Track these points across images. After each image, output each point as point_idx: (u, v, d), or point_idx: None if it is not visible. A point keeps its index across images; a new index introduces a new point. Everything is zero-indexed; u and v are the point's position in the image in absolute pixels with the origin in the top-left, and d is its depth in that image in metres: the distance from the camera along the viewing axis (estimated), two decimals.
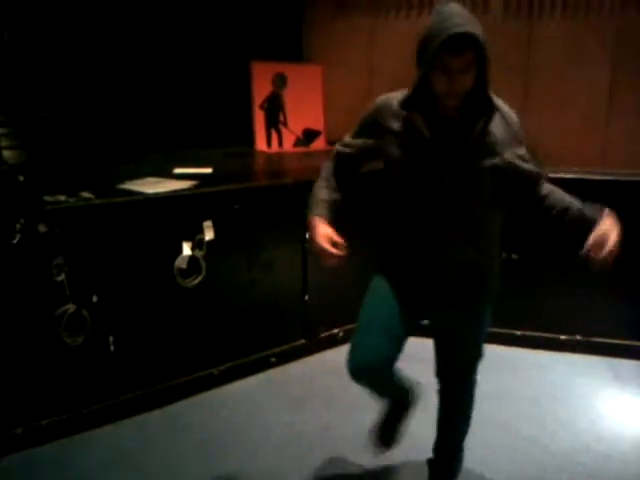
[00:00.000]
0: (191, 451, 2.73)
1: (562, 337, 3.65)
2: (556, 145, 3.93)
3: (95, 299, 2.78)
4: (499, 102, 1.94)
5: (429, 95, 1.86)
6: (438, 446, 2.45)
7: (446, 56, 1.74)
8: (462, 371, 2.30)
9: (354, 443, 2.67)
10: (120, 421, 2.89)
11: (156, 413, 2.99)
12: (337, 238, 1.97)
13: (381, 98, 2.01)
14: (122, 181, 3.09)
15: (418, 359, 2.36)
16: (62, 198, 2.76)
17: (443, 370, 2.30)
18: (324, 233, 1.97)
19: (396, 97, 1.96)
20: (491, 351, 3.56)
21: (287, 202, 3.31)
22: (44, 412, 2.73)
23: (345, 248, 1.96)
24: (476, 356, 2.26)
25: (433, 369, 2.30)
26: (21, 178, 2.73)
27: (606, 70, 3.95)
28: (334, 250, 1.94)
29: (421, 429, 2.46)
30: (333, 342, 3.61)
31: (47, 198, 2.73)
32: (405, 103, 1.91)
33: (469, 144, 1.87)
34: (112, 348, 2.86)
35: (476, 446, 2.76)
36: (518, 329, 3.70)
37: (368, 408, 2.43)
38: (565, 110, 4.03)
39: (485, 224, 2.01)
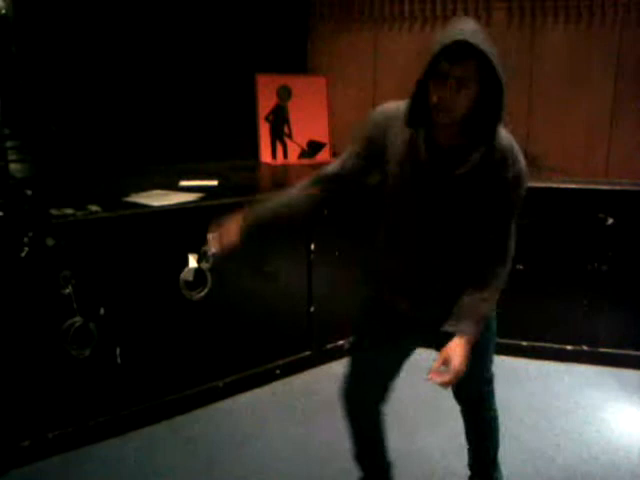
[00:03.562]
0: (196, 464, 2.73)
1: (568, 347, 3.64)
2: (560, 156, 3.95)
3: (102, 312, 2.79)
4: (505, 139, 1.80)
5: (428, 116, 1.75)
6: (471, 464, 2.46)
7: (443, 63, 1.65)
8: (475, 396, 2.26)
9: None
10: (126, 434, 2.90)
11: (162, 425, 2.99)
12: (230, 238, 1.98)
13: (378, 112, 1.91)
14: (128, 194, 3.11)
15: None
16: (69, 211, 2.78)
17: (457, 394, 2.27)
18: (228, 228, 1.99)
19: (393, 110, 1.86)
20: (497, 362, 3.60)
21: None
22: (51, 425, 2.74)
23: (229, 249, 2.00)
24: (484, 377, 2.22)
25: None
26: (29, 192, 2.75)
27: (609, 81, 3.96)
28: (220, 241, 1.99)
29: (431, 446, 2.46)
30: (339, 354, 3.60)
31: (54, 212, 2.75)
32: (408, 118, 1.79)
33: (453, 180, 1.77)
34: (119, 360, 2.86)
35: None
36: (524, 340, 3.70)
37: None
38: (569, 121, 4.04)
39: (468, 253, 1.90)
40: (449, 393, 2.21)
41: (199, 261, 3.04)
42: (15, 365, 2.63)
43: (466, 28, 1.66)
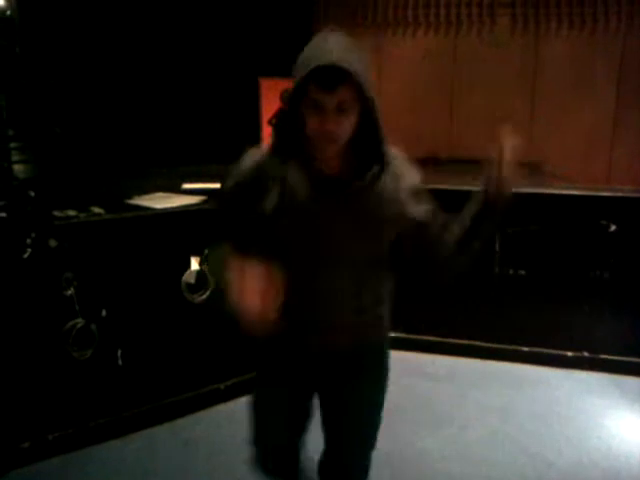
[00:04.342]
0: (197, 465, 2.73)
1: (569, 354, 3.64)
2: (562, 162, 3.96)
3: (104, 313, 2.80)
4: (393, 154, 1.62)
5: (306, 144, 1.55)
6: None
7: (315, 90, 1.45)
8: (353, 465, 1.91)
9: None
10: (127, 435, 2.90)
11: (163, 427, 2.99)
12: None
13: (247, 162, 1.68)
14: (131, 196, 3.12)
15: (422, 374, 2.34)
16: (72, 213, 2.79)
17: (330, 464, 1.92)
18: (259, 282, 1.58)
19: (261, 152, 1.66)
20: (498, 367, 3.63)
21: None
22: (51, 426, 2.74)
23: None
24: (371, 442, 1.88)
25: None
26: (32, 193, 2.76)
27: (612, 87, 3.98)
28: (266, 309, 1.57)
29: None
30: None
31: (57, 213, 2.76)
32: (279, 154, 1.60)
33: (350, 208, 1.58)
34: (120, 362, 2.87)
35: (481, 462, 2.76)
36: (525, 345, 3.69)
37: None
38: (571, 127, 4.06)
39: (370, 288, 1.70)
40: (448, 397, 2.19)
41: (201, 263, 3.05)
42: (16, 366, 2.63)
43: (335, 47, 1.45)
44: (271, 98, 4.11)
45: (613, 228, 3.50)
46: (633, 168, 3.94)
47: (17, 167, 2.95)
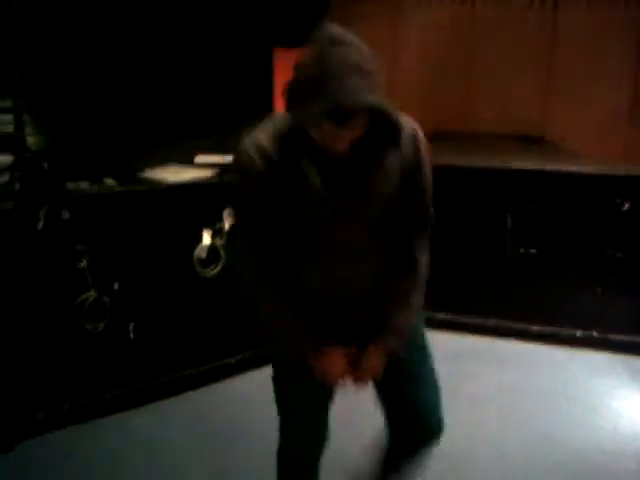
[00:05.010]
0: (207, 437, 2.77)
1: (578, 333, 3.64)
2: (578, 139, 3.91)
3: (116, 286, 2.81)
4: (405, 126, 1.57)
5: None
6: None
7: (328, 123, 1.39)
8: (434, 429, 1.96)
9: (365, 438, 2.65)
10: (139, 407, 2.94)
11: (175, 399, 3.02)
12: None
13: (244, 153, 1.58)
14: (143, 169, 3.10)
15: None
16: (85, 185, 2.78)
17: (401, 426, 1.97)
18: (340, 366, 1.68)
19: (263, 139, 1.57)
20: (507, 346, 3.63)
21: None
22: (65, 397, 2.78)
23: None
24: (436, 391, 1.95)
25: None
26: (45, 165, 2.75)
27: (631, 63, 3.91)
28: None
29: None
30: None
31: (70, 185, 2.75)
32: (281, 145, 1.55)
33: (361, 186, 1.57)
34: (132, 335, 2.89)
35: (490, 440, 2.79)
36: (535, 324, 3.69)
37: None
38: (588, 104, 3.99)
39: (384, 254, 1.71)
40: (459, 374, 2.19)
41: (213, 237, 3.04)
42: (30, 338, 2.65)
43: (346, 74, 1.35)
44: (285, 69, 4.05)
45: (626, 207, 3.47)
46: None
47: (30, 139, 2.93)
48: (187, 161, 3.31)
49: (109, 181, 2.85)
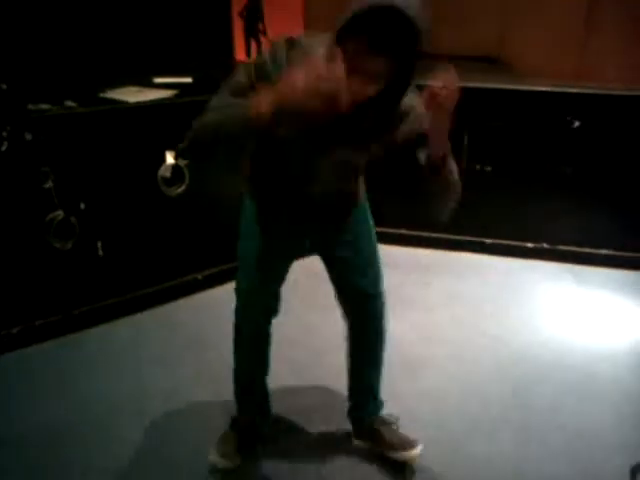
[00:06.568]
0: (181, 345, 2.92)
1: (529, 245, 3.84)
2: (533, 59, 3.98)
3: (82, 206, 2.86)
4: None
5: None
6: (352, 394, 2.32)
7: (365, 40, 1.42)
8: (368, 288, 2.12)
9: (335, 340, 2.81)
10: (114, 320, 3.07)
11: (147, 313, 3.16)
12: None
13: (277, 42, 1.62)
14: (103, 89, 3.11)
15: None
16: (46, 107, 2.79)
17: (348, 292, 2.14)
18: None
19: (302, 39, 1.60)
20: (461, 258, 3.82)
21: None
22: (37, 313, 2.87)
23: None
24: (378, 280, 2.12)
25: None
26: (4, 86, 2.75)
27: None
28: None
29: None
30: None
31: (31, 107, 2.76)
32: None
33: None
34: (100, 253, 2.97)
35: (445, 342, 2.99)
36: (487, 237, 3.87)
37: None
38: (543, 23, 4.03)
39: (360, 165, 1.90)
40: (414, 285, 2.31)
41: (176, 157, 3.10)
42: (2, 257, 2.72)
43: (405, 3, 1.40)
44: None
45: (577, 124, 3.61)
46: (603, 66, 3.94)
47: None
48: (146, 82, 3.32)
49: (69, 103, 2.86)
